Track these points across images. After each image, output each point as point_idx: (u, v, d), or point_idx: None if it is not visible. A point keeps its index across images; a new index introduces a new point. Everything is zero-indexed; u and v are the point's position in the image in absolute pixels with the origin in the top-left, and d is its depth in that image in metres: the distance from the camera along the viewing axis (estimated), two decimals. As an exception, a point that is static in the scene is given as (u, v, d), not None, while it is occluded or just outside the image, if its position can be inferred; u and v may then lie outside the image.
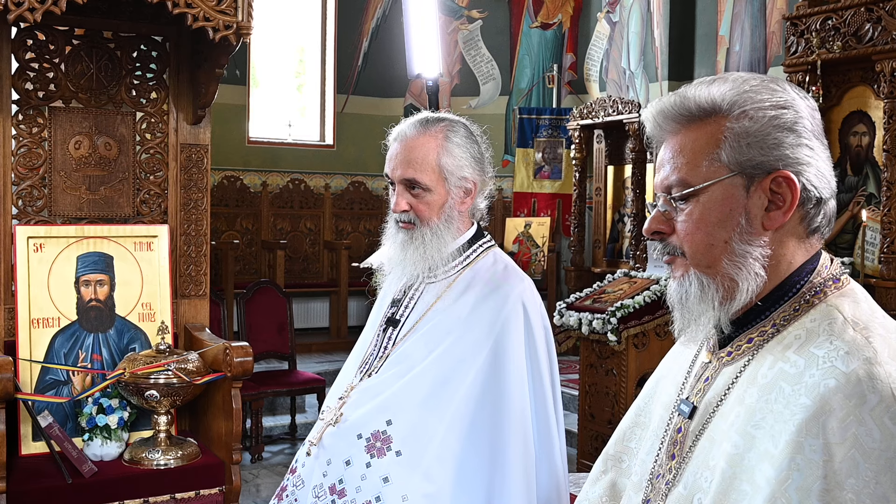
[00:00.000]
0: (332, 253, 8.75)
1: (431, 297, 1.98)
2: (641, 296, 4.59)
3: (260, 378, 5.46)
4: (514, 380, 1.86)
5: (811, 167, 1.11)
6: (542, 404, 1.91)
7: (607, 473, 1.41)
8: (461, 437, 1.81)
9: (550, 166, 8.75)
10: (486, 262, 2.00)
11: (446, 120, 1.98)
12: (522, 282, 1.97)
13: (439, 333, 1.91)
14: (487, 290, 1.93)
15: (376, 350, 2.03)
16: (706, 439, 1.15)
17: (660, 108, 1.17)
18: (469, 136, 1.98)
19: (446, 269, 1.98)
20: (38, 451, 3.21)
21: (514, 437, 1.83)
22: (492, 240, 2.07)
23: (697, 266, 1.15)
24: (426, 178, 1.92)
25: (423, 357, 1.89)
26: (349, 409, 1.91)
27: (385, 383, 1.91)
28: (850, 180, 5.13)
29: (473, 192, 1.98)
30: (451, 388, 1.84)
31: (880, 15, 4.65)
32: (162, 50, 3.75)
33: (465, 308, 1.92)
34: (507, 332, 1.88)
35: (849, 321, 1.07)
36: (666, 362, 1.39)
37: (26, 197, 3.53)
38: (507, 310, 1.90)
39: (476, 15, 9.42)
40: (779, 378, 1.07)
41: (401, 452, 1.81)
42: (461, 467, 1.80)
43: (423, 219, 1.94)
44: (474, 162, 1.97)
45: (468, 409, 1.83)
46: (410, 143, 1.94)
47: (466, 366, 1.85)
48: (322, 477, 1.86)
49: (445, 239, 1.95)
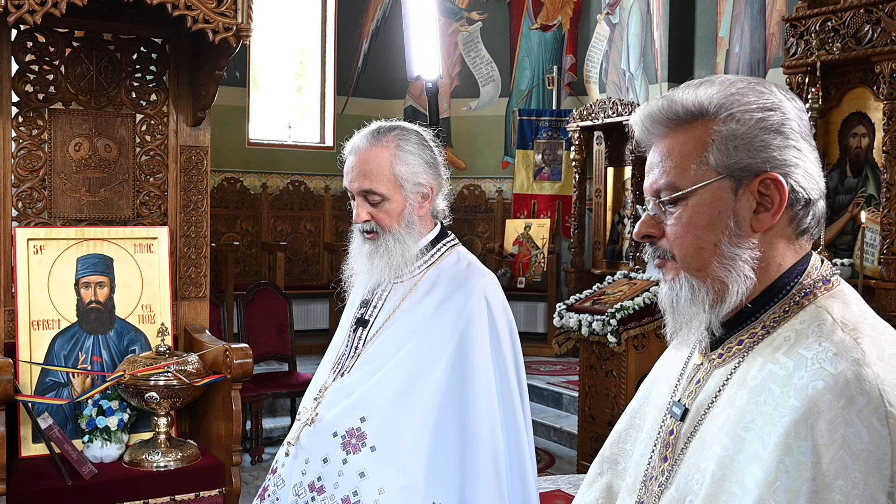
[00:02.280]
0: (332, 255, 8.75)
1: (398, 298, 2.05)
2: (641, 297, 4.59)
3: (260, 380, 5.47)
4: (480, 372, 1.94)
5: (799, 168, 1.11)
6: (507, 394, 1.99)
7: (603, 475, 1.41)
8: (432, 430, 1.89)
9: (550, 168, 8.75)
10: (449, 261, 2.07)
11: (398, 129, 2.04)
12: (484, 277, 2.05)
13: (406, 332, 1.99)
14: (451, 288, 2.01)
15: (348, 350, 2.09)
16: (697, 441, 1.15)
17: (647, 112, 1.17)
18: (421, 143, 2.04)
19: (411, 270, 2.05)
20: (37, 453, 3.22)
21: (482, 427, 1.91)
22: (455, 239, 2.14)
23: (687, 269, 1.15)
24: (382, 187, 1.98)
25: (392, 355, 1.97)
26: (324, 409, 1.99)
27: (357, 382, 1.99)
28: (850, 182, 5.13)
29: (431, 195, 2.05)
30: (420, 383, 1.92)
31: (880, 16, 4.65)
32: (162, 52, 3.75)
33: (431, 306, 2.00)
34: (471, 327, 1.95)
35: (838, 322, 1.07)
36: (660, 364, 1.40)
37: (26, 199, 3.54)
38: (471, 305, 1.97)
39: (476, 17, 9.43)
40: (768, 380, 1.07)
41: (375, 448, 1.88)
42: (433, 458, 1.88)
43: (384, 227, 2.01)
44: (428, 167, 2.03)
45: (437, 402, 1.91)
46: (364, 154, 2.01)
47: (434, 361, 1.93)
48: (301, 475, 1.93)
49: (408, 244, 2.02)
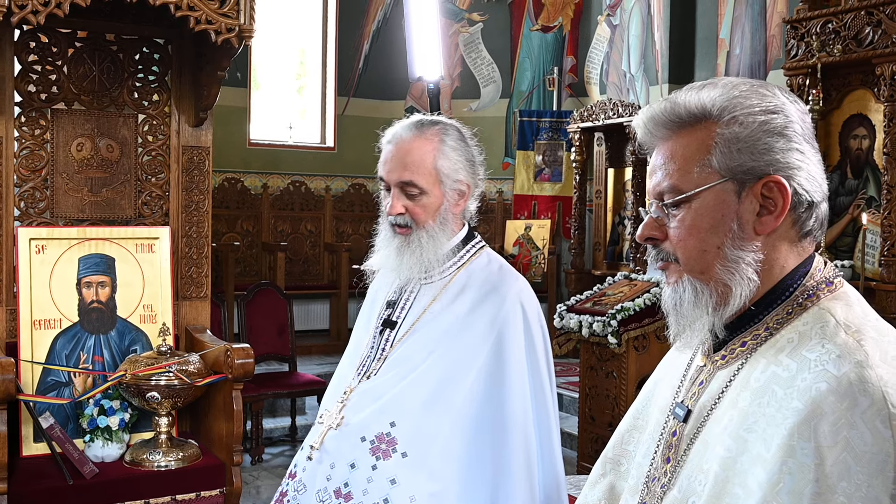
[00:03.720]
0: (332, 255, 8.76)
1: (427, 299, 1.98)
2: (642, 298, 4.60)
3: (260, 380, 5.47)
4: (515, 379, 1.87)
5: (802, 171, 1.11)
6: (541, 402, 1.92)
7: (606, 476, 1.41)
8: (464, 437, 1.82)
9: (551, 169, 8.76)
10: (479, 263, 2.00)
11: (441, 123, 1.98)
12: (518, 281, 1.98)
13: (437, 335, 1.91)
14: (485, 291, 1.93)
15: (373, 352, 2.01)
16: (700, 443, 1.15)
17: (650, 114, 1.17)
18: (462, 140, 1.99)
19: (441, 270, 1.98)
20: (39, 453, 3.22)
21: (515, 435, 1.84)
22: (482, 241, 2.07)
23: (691, 272, 1.15)
24: (423, 180, 1.91)
25: (423, 359, 1.89)
26: (350, 412, 1.91)
27: (386, 385, 1.91)
28: (851, 183, 5.14)
29: (467, 194, 1.98)
30: (452, 389, 1.85)
31: (880, 18, 4.66)
32: (164, 52, 3.76)
33: (463, 308, 1.92)
34: (507, 332, 1.88)
35: (841, 324, 1.07)
36: (663, 365, 1.39)
37: (28, 199, 3.54)
38: (506, 309, 1.90)
39: (477, 18, 9.43)
40: (771, 381, 1.07)
41: (406, 454, 1.81)
42: (465, 466, 1.81)
43: (418, 222, 1.93)
44: (468, 165, 1.97)
45: (471, 409, 1.84)
46: (406, 145, 1.94)
47: (467, 366, 1.86)
48: (326, 481, 1.85)
49: (440, 241, 1.95)
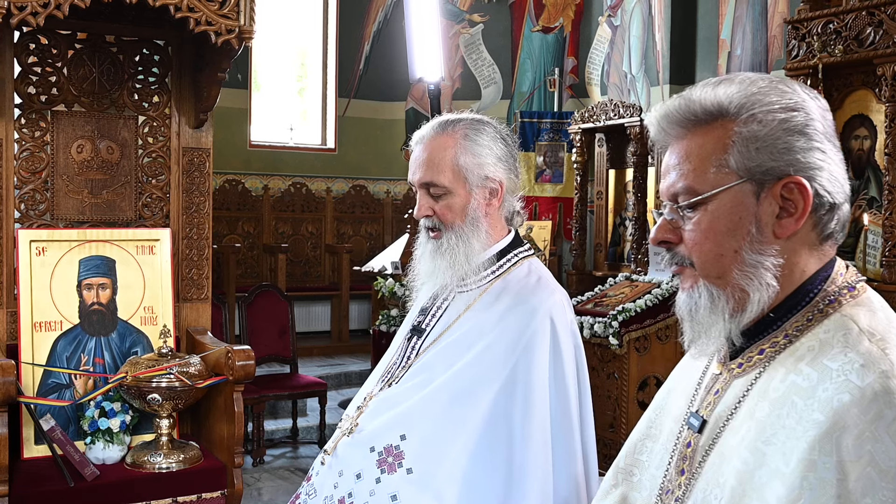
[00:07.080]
0: (333, 256, 8.75)
1: (459, 308, 1.89)
2: (643, 299, 4.59)
3: (261, 382, 5.47)
4: (536, 401, 1.77)
5: (823, 171, 1.06)
6: (566, 426, 1.81)
7: (618, 487, 1.34)
8: (475, 459, 1.73)
9: (552, 170, 8.75)
10: (518, 273, 1.89)
11: (468, 119, 1.91)
12: (553, 295, 1.86)
13: (462, 346, 1.82)
14: (514, 303, 1.83)
15: (399, 359, 1.96)
16: (716, 455, 1.10)
17: (664, 111, 1.12)
18: (494, 136, 1.90)
19: (478, 279, 1.88)
20: (40, 455, 3.21)
21: (533, 460, 1.74)
22: (530, 249, 1.96)
23: (707, 277, 1.10)
24: (444, 179, 1.84)
25: (443, 371, 1.81)
26: (365, 419, 1.86)
27: (403, 395, 1.85)
28: (852, 184, 5.13)
29: (500, 192, 1.88)
30: (468, 407, 1.76)
31: (882, 19, 4.65)
32: (164, 54, 3.75)
33: (490, 321, 1.82)
34: (532, 351, 1.78)
35: (864, 332, 1.02)
36: (676, 373, 1.34)
37: (29, 201, 3.53)
38: (534, 326, 1.79)
39: (477, 19, 9.43)
40: (791, 392, 1.02)
41: (412, 470, 1.74)
42: (472, 488, 1.72)
43: (446, 223, 1.85)
44: (498, 161, 1.87)
45: (485, 431, 1.75)
46: (428, 144, 1.88)
47: (486, 384, 1.77)
48: (333, 488, 1.82)
49: (472, 243, 1.85)
